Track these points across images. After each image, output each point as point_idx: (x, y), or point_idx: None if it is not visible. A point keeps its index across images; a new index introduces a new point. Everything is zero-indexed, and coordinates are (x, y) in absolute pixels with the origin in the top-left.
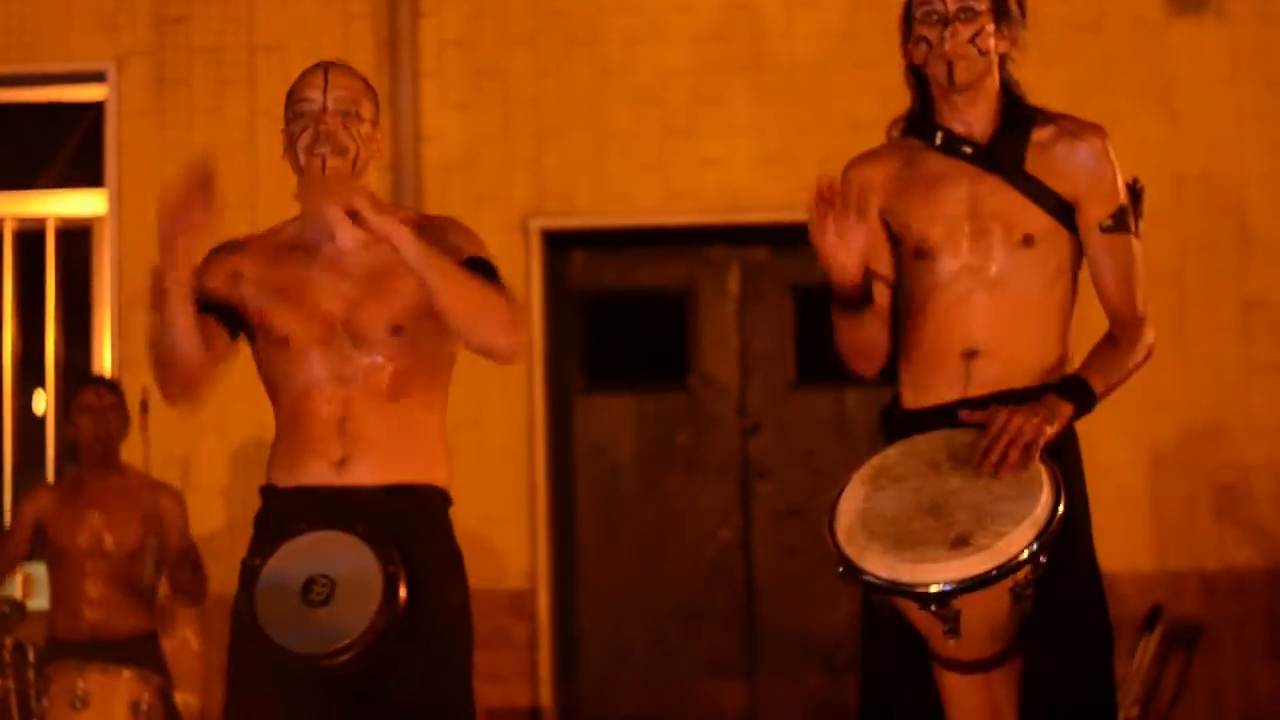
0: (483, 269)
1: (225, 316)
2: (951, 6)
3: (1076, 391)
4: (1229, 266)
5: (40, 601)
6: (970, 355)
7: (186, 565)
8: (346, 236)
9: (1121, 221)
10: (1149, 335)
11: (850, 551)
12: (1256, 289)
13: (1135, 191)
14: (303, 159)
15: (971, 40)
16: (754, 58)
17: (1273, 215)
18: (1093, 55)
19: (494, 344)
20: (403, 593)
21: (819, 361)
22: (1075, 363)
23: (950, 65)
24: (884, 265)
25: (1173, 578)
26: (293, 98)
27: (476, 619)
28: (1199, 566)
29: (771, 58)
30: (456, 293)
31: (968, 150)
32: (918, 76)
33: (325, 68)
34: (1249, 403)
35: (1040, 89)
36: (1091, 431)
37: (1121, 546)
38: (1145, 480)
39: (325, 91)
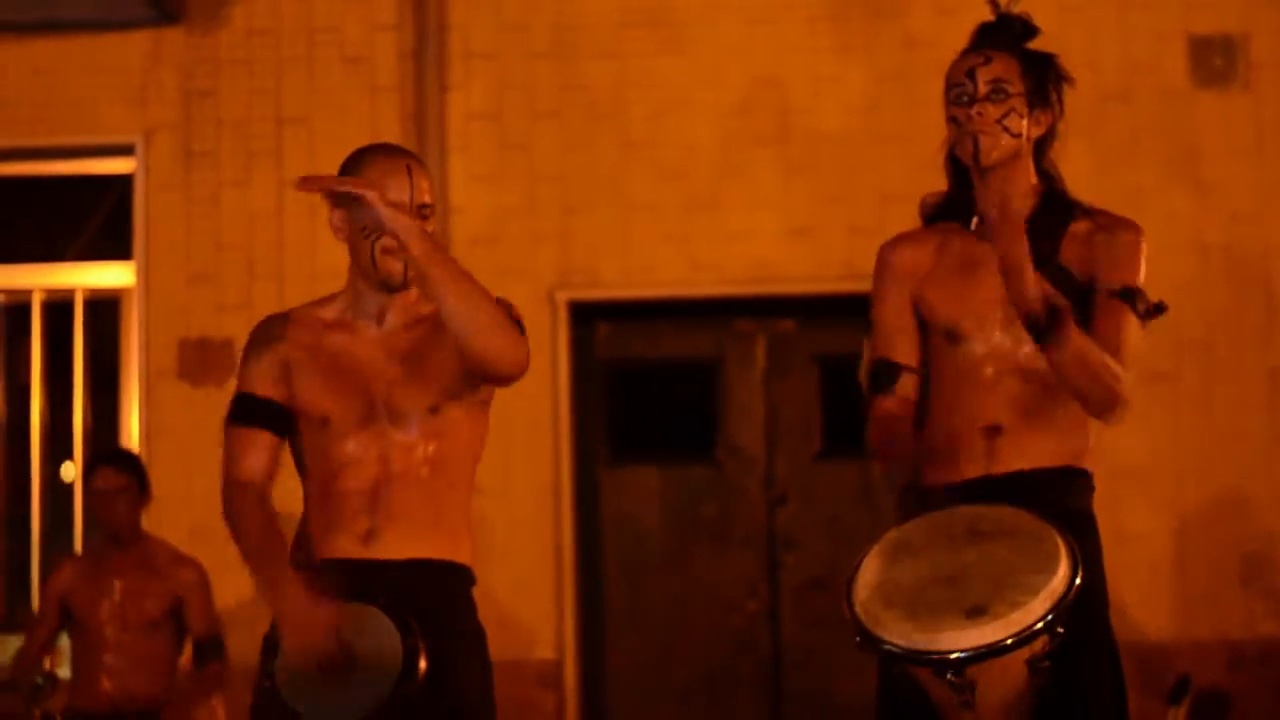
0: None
1: (275, 424)
2: (982, 87)
3: (1053, 313)
4: (1255, 337)
5: (68, 671)
6: (993, 432)
7: (207, 650)
8: (396, 318)
9: (1128, 295)
10: (1129, 383)
11: (866, 621)
12: None
13: (1157, 305)
14: (378, 258)
15: (1000, 120)
16: (779, 131)
17: None
18: (1119, 127)
19: (499, 357)
20: (423, 664)
21: (845, 433)
22: (1097, 451)
23: (975, 142)
24: (913, 356)
25: (1200, 647)
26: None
27: (504, 690)
28: (1226, 636)
29: (797, 131)
30: (462, 294)
31: None
32: (955, 163)
33: (408, 164)
34: (1276, 472)
35: (1067, 161)
36: (1119, 501)
37: (1148, 616)
38: (1172, 550)
39: (412, 194)
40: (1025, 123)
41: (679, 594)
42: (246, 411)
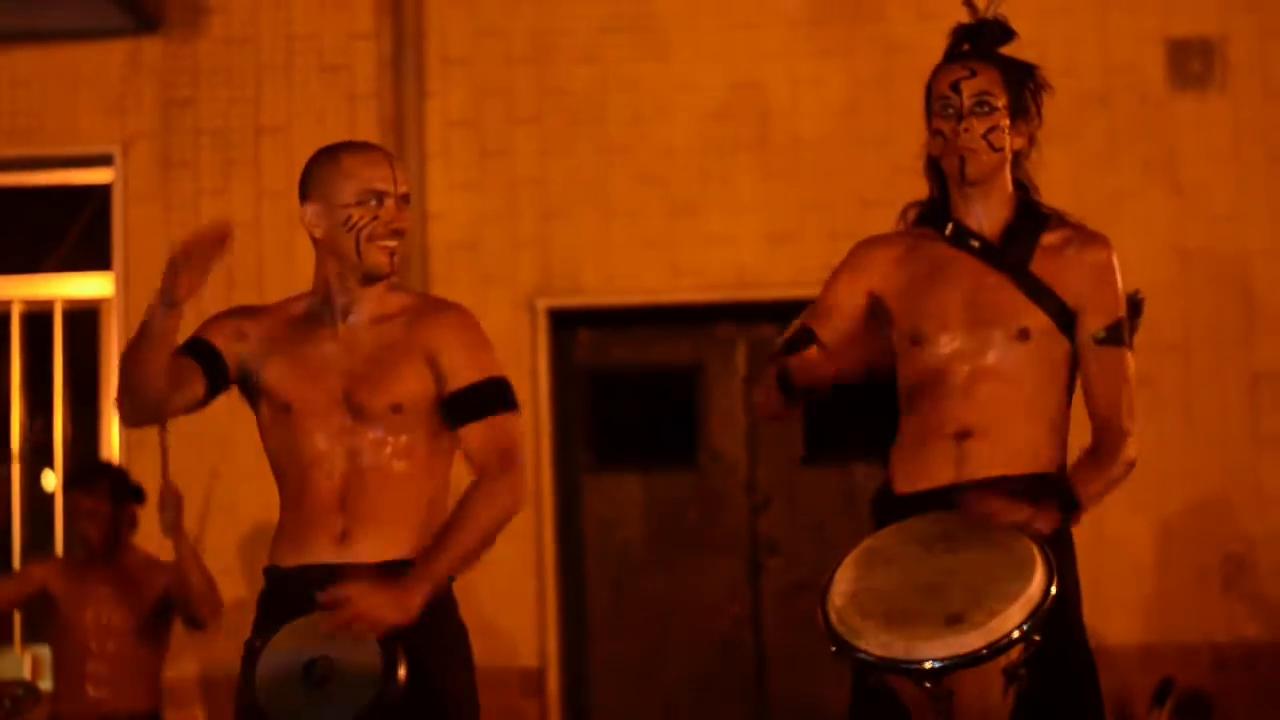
0: (489, 397)
1: (210, 367)
2: (967, 101)
3: (1063, 497)
4: (1235, 339)
5: (49, 684)
6: (962, 436)
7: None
8: (360, 313)
9: (1115, 334)
10: (1132, 449)
11: (842, 630)
12: (1263, 361)
13: (1135, 304)
14: (363, 247)
15: (985, 135)
16: (759, 135)
17: (1278, 287)
18: (1097, 131)
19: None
20: (401, 672)
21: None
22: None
23: (962, 160)
24: (836, 338)
25: (1183, 650)
26: (352, 179)
27: (487, 698)
28: (1209, 639)
29: (776, 136)
30: (485, 547)
31: (975, 244)
32: (935, 167)
33: (388, 157)
34: (1257, 475)
35: (1045, 166)
36: (1101, 505)
37: (1131, 619)
38: (1154, 553)
39: (395, 184)
40: (1008, 136)
41: (662, 600)
42: (187, 347)
